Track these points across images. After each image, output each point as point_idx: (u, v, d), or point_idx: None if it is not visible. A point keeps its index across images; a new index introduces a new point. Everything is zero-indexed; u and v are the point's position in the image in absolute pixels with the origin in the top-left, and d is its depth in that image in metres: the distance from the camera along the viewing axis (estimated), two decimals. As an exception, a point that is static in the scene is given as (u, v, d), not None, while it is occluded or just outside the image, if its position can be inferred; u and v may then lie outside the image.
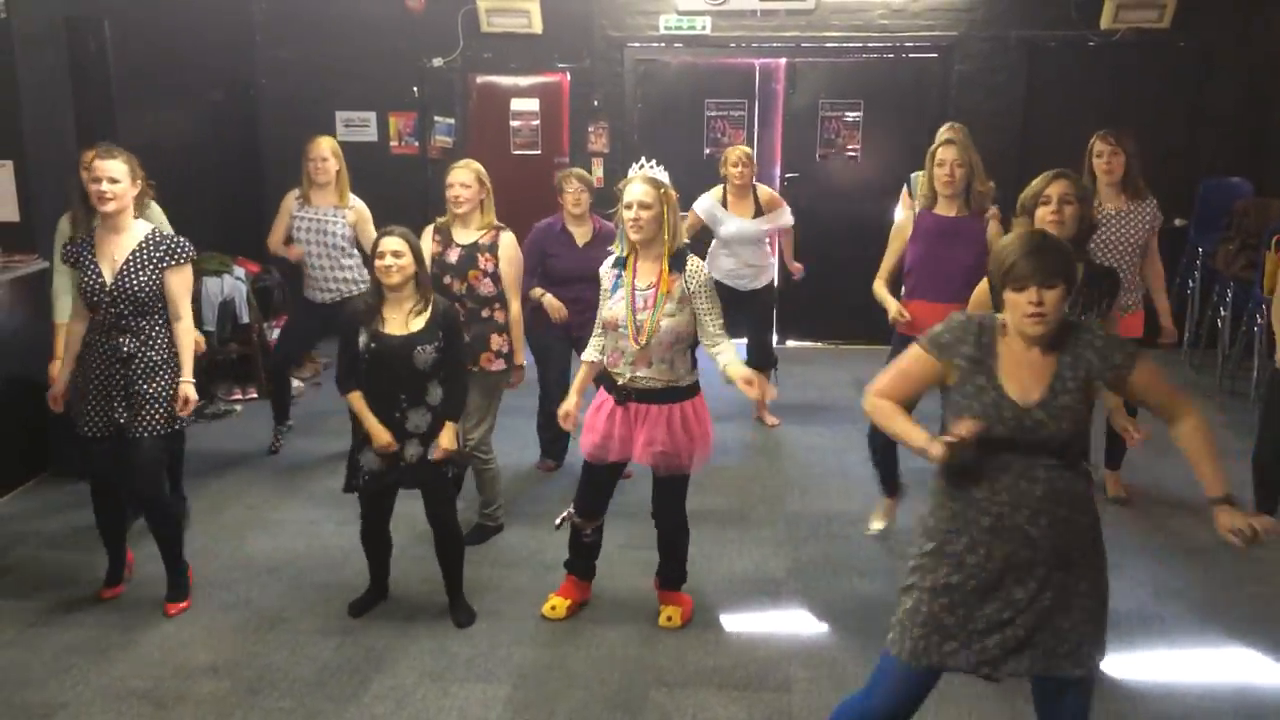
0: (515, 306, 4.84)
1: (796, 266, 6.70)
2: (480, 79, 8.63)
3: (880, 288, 4.83)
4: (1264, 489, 4.55)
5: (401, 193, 7.85)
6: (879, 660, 2.83)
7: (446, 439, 4.09)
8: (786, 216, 6.47)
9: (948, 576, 2.70)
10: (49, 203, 5.68)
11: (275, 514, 5.28)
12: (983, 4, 8.08)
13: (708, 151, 8.43)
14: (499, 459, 5.02)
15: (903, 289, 4.80)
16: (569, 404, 4.09)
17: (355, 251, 5.81)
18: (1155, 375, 2.70)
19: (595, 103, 8.46)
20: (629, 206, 3.83)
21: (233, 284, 7.02)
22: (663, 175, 3.91)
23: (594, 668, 3.95)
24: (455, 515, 4.29)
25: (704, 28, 8.21)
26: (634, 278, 3.92)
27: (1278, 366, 4.38)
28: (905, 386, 2.79)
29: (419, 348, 3.98)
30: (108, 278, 4.02)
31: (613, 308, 3.94)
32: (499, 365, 4.79)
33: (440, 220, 4.85)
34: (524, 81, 8.61)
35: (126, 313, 4.03)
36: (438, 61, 8.43)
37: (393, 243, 3.99)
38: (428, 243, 4.73)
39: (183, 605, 4.32)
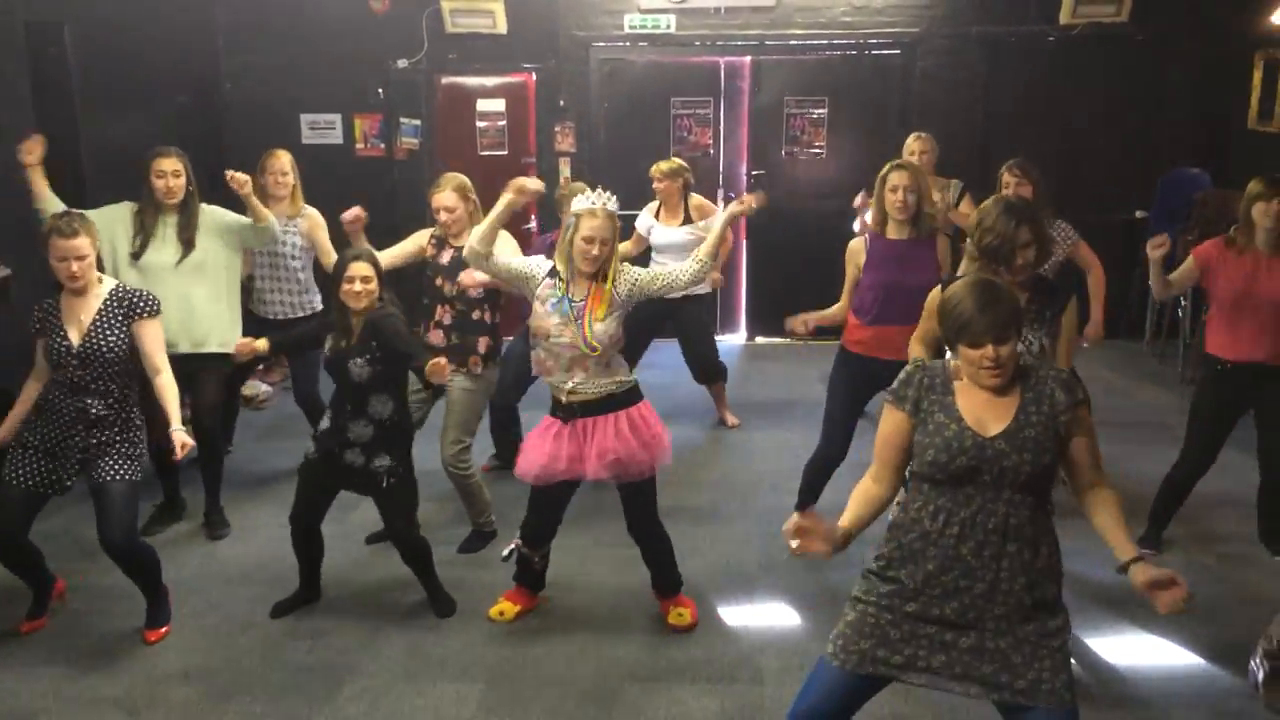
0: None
1: (716, 277, 6.30)
2: (445, 80, 8.61)
3: (839, 309, 4.80)
4: (1164, 511, 4.74)
5: (368, 195, 7.84)
6: (814, 669, 2.85)
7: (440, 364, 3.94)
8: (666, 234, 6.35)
9: (891, 596, 2.73)
10: (11, 209, 5.63)
11: (246, 519, 5.27)
12: (943, 1, 8.15)
13: (674, 150, 8.45)
14: (478, 459, 5.02)
15: (861, 313, 4.69)
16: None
17: (307, 264, 5.69)
18: (1093, 430, 2.72)
19: (561, 102, 8.47)
20: (589, 240, 3.85)
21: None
22: (615, 205, 3.94)
23: (567, 664, 3.97)
24: (410, 527, 4.28)
25: (668, 26, 8.24)
26: (568, 292, 3.93)
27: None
28: (889, 451, 2.78)
29: (351, 361, 4.03)
30: (74, 340, 3.95)
31: (545, 318, 3.93)
32: (483, 369, 4.76)
33: (437, 230, 4.84)
34: (489, 82, 8.60)
35: (96, 375, 3.97)
36: (402, 63, 8.40)
37: (362, 268, 4.03)
38: (421, 241, 4.82)
39: (163, 630, 4.22)
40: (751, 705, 3.70)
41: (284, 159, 5.65)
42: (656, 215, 6.40)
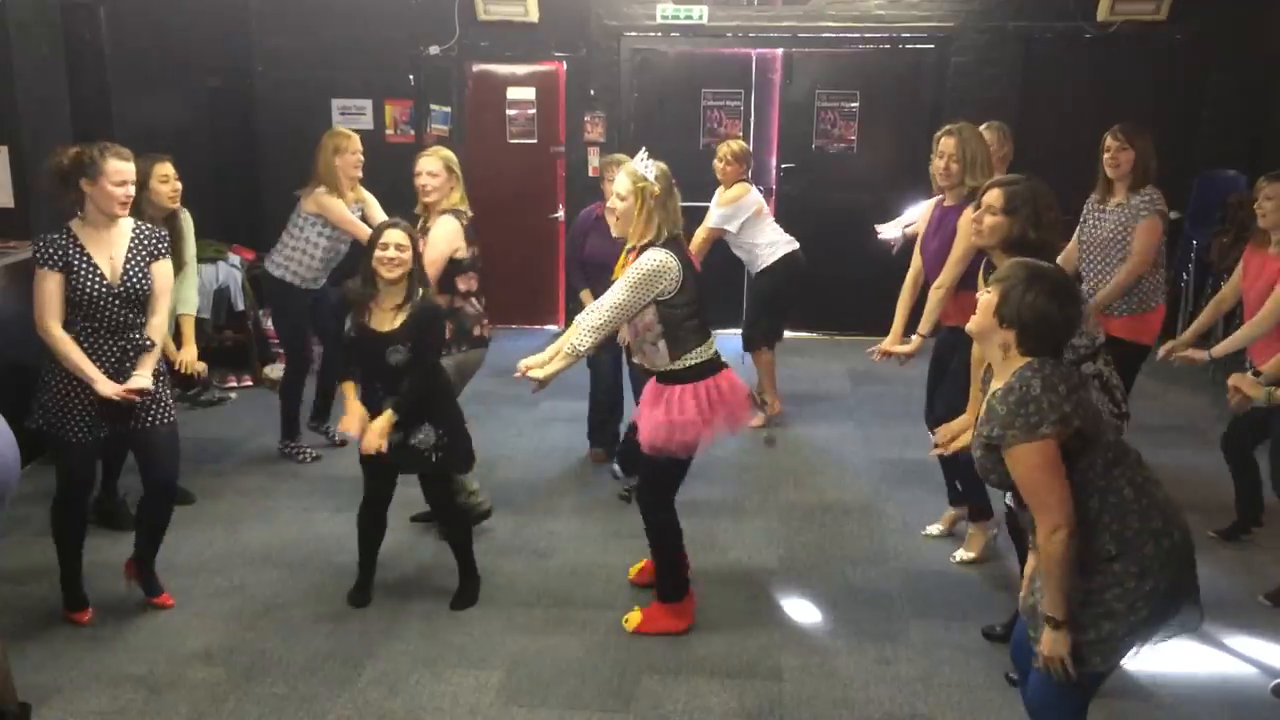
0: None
1: None
2: (477, 67, 8.62)
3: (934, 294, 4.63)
4: None
5: (397, 181, 7.86)
6: None
7: (374, 431, 3.99)
8: (709, 217, 6.32)
9: None
10: (44, 189, 5.67)
11: (268, 501, 5.29)
12: (979, -5, 8.08)
13: (704, 141, 8.42)
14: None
15: (931, 280, 4.61)
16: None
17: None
18: (1025, 472, 2.53)
19: (591, 92, 8.45)
20: (609, 195, 3.87)
21: (228, 271, 7.03)
22: (648, 169, 3.79)
23: (586, 655, 3.96)
24: (449, 497, 4.31)
25: (701, 17, 8.20)
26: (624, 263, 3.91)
27: None
28: None
29: (392, 347, 3.98)
30: (110, 277, 3.84)
31: None
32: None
33: (416, 210, 4.81)
34: (520, 70, 8.60)
35: (131, 312, 3.89)
36: (434, 50, 8.41)
37: (397, 235, 3.97)
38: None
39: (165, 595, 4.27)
40: (770, 701, 3.68)
41: (358, 140, 5.73)
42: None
